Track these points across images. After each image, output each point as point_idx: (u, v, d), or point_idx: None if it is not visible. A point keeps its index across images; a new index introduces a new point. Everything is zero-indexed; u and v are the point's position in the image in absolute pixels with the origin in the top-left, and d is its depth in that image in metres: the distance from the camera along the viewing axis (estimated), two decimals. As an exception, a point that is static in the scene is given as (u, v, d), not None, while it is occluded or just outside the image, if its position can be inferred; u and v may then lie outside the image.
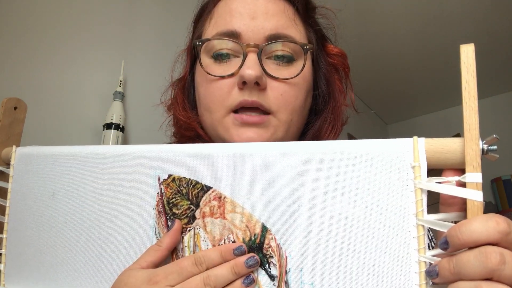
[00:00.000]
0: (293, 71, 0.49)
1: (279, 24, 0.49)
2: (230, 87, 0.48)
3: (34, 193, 0.47)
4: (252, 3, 0.49)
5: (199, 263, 0.35)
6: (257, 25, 0.48)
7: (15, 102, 0.54)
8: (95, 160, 0.44)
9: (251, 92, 0.47)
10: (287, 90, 0.48)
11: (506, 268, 0.25)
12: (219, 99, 0.48)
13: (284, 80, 0.48)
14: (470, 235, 0.27)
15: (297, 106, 0.50)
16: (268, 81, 0.48)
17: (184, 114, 0.55)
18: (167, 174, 0.40)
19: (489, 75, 2.61)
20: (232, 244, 0.36)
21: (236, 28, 0.48)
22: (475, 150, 0.29)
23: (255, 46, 0.47)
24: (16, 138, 0.54)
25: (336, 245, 0.33)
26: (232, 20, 0.49)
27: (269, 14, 0.49)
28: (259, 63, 0.47)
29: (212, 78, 0.49)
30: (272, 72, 0.48)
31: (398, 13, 2.05)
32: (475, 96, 0.30)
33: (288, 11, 0.51)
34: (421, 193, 0.31)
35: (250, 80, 0.45)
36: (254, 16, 0.48)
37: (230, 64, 0.49)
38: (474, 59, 0.31)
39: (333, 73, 0.56)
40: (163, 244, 0.38)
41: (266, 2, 0.49)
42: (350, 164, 0.34)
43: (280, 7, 0.50)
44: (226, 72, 0.48)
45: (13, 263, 0.47)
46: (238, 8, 0.49)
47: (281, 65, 0.49)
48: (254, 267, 0.35)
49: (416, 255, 0.30)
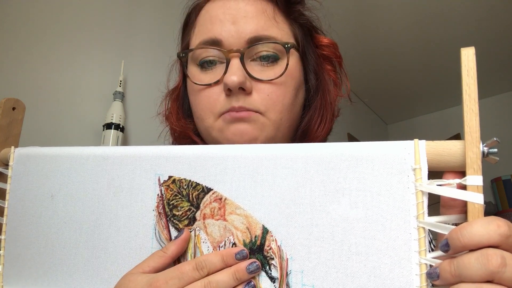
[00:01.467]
0: (278, 70, 0.49)
1: (259, 26, 0.49)
2: (217, 94, 0.49)
3: (33, 194, 0.47)
4: (231, 8, 0.50)
5: (200, 268, 0.35)
6: (237, 30, 0.49)
7: (14, 103, 0.53)
8: (95, 161, 0.44)
9: (237, 98, 0.47)
10: (273, 90, 0.49)
11: (507, 271, 0.25)
12: (208, 107, 0.50)
13: (269, 81, 0.48)
14: (471, 237, 0.27)
15: (286, 105, 0.50)
16: (253, 83, 0.48)
17: (178, 123, 0.56)
18: (168, 176, 0.40)
19: (490, 75, 2.62)
20: (234, 249, 0.36)
21: (217, 35, 0.49)
22: (475, 153, 0.29)
23: (237, 51, 0.48)
24: (14, 139, 0.53)
25: (337, 247, 0.33)
26: (213, 27, 0.50)
27: (248, 17, 0.49)
28: (242, 68, 0.47)
29: (200, 87, 0.50)
30: (256, 74, 0.48)
31: (398, 12, 2.05)
32: (476, 99, 0.30)
33: (267, 11, 0.50)
34: (422, 196, 0.31)
35: (234, 87, 0.46)
36: (234, 21, 0.49)
37: (216, 71, 0.50)
38: (475, 62, 0.31)
39: (324, 64, 0.56)
40: (168, 252, 0.37)
41: (245, 5, 0.50)
42: (351, 166, 0.34)
43: (259, 7, 0.50)
44: (212, 79, 0.49)
45: (11, 264, 0.47)
46: (218, 15, 0.50)
47: (266, 65, 0.49)
48: (255, 273, 0.35)
49: (417, 257, 0.30)
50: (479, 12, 2.05)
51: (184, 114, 0.57)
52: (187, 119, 0.57)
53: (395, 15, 2.07)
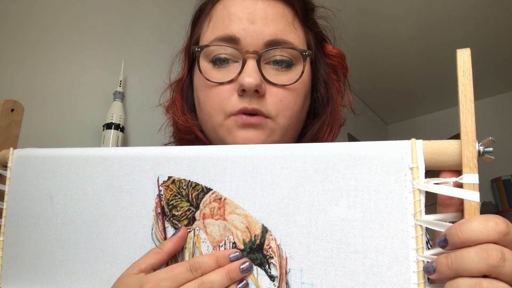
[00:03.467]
0: (292, 76, 0.49)
1: (278, 30, 0.49)
2: (229, 93, 0.48)
3: (32, 195, 0.47)
4: (251, 7, 0.49)
5: (194, 269, 0.35)
6: (256, 30, 0.48)
7: (12, 104, 0.54)
8: (94, 162, 0.44)
9: (250, 99, 0.47)
10: (286, 96, 0.49)
11: (506, 265, 0.26)
12: (218, 105, 0.49)
13: (283, 86, 0.49)
14: (470, 234, 0.27)
15: (296, 111, 0.50)
16: (267, 87, 0.48)
17: (183, 118, 0.55)
18: (167, 176, 0.41)
19: (489, 75, 2.64)
20: (227, 251, 0.37)
21: (235, 33, 0.48)
22: (471, 152, 0.30)
23: (254, 53, 0.47)
24: (13, 140, 0.53)
25: (336, 245, 0.33)
26: (231, 24, 0.49)
27: (268, 19, 0.49)
28: (258, 70, 0.47)
29: (211, 84, 0.49)
30: (271, 78, 0.48)
31: (398, 13, 2.07)
32: (472, 99, 0.31)
33: (287, 15, 0.51)
34: (419, 194, 0.31)
35: (250, 89, 0.46)
36: (253, 20, 0.48)
37: (229, 69, 0.49)
38: (470, 63, 0.32)
39: (332, 74, 0.57)
40: (164, 248, 0.37)
41: (265, 6, 0.49)
42: (349, 165, 0.34)
43: (279, 11, 0.50)
44: (225, 78, 0.48)
45: (10, 265, 0.47)
46: (237, 12, 0.49)
47: (280, 70, 0.49)
48: (248, 272, 0.36)
49: (414, 254, 0.31)
50: (477, 15, 2.07)
51: (189, 108, 0.57)
52: (191, 113, 0.56)
53: (396, 15, 2.08)
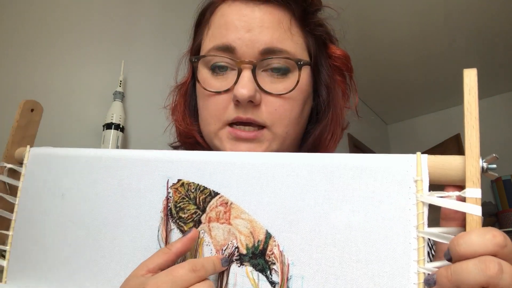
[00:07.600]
0: (288, 84, 0.50)
1: (274, 38, 0.49)
2: (226, 102, 0.50)
3: (44, 192, 0.49)
4: (247, 15, 0.50)
5: (196, 270, 0.35)
6: (251, 38, 0.49)
7: (32, 104, 0.56)
8: (106, 163, 0.46)
9: (245, 109, 0.48)
10: (281, 104, 0.49)
11: (503, 278, 0.26)
12: (215, 113, 0.50)
13: (278, 95, 0.49)
14: (468, 246, 0.28)
15: (293, 119, 0.50)
16: (262, 96, 0.49)
17: (184, 123, 0.57)
18: (177, 179, 0.42)
19: (489, 75, 2.64)
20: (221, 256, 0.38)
21: (230, 42, 0.49)
22: (475, 166, 0.31)
23: (250, 63, 0.48)
24: (30, 139, 0.55)
25: (338, 254, 0.34)
26: (227, 33, 0.50)
27: (264, 27, 0.49)
28: (253, 80, 0.48)
29: (209, 93, 0.51)
30: (266, 87, 0.49)
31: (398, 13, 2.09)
32: (477, 117, 0.32)
33: (283, 22, 0.50)
34: (422, 206, 0.32)
35: (243, 100, 0.47)
36: (249, 28, 0.49)
37: (227, 77, 0.50)
38: (477, 82, 0.33)
39: (335, 75, 0.57)
40: (172, 248, 0.37)
41: (262, 14, 0.50)
42: (354, 175, 0.35)
43: (276, 18, 0.50)
44: (222, 87, 0.50)
45: (17, 260, 0.48)
46: (234, 21, 0.50)
47: (276, 77, 0.50)
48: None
49: (415, 266, 0.31)
50: (477, 15, 2.09)
51: (190, 113, 0.58)
52: (192, 118, 0.57)
53: (396, 17, 2.11)
